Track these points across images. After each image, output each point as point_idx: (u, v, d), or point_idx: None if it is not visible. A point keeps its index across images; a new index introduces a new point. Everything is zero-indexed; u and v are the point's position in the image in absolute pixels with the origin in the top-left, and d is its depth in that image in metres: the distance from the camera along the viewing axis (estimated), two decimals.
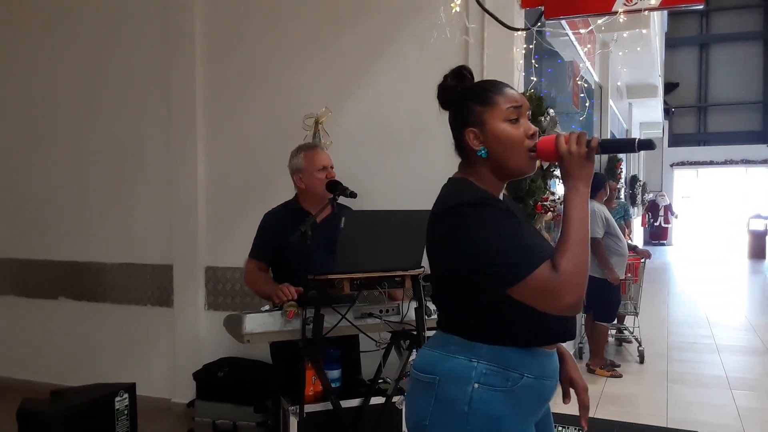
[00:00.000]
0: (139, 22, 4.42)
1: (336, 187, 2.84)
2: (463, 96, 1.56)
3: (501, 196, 1.61)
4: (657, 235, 18.22)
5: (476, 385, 1.44)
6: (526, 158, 1.51)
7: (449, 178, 1.62)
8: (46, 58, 4.76)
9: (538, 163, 1.68)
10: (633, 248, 6.05)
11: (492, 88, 1.54)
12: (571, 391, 1.67)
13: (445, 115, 1.63)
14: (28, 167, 4.86)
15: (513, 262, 1.37)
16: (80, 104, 4.64)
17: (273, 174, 3.91)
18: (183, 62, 4.21)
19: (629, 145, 1.46)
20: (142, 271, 4.44)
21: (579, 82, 5.86)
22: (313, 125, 3.65)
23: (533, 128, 1.52)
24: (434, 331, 1.59)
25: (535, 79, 3.58)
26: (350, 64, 3.85)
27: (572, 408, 1.68)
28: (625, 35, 4.80)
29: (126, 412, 3.20)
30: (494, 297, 1.41)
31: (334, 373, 2.77)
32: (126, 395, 3.22)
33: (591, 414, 1.64)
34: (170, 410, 4.26)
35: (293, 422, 2.59)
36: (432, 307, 2.72)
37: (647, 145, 1.43)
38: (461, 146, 1.58)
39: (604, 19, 3.54)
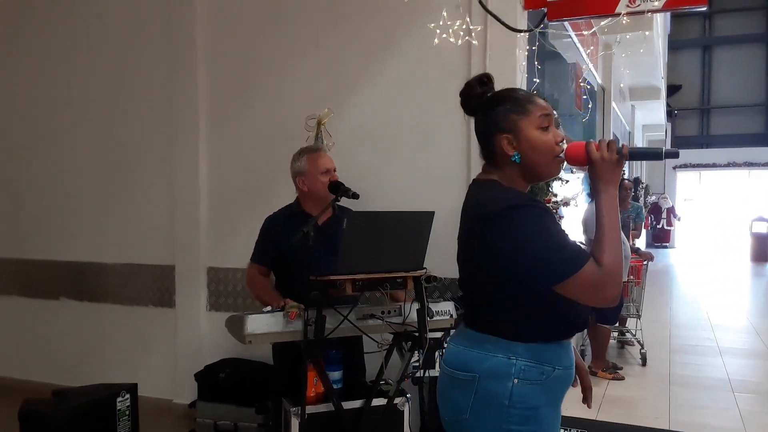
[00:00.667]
0: (140, 23, 4.42)
1: (338, 189, 2.83)
2: (493, 103, 1.65)
3: None
4: (659, 237, 18.17)
5: (516, 381, 1.56)
6: (555, 163, 1.63)
7: (475, 180, 1.71)
8: (47, 58, 4.76)
9: None
10: (635, 251, 6.04)
11: (524, 97, 1.65)
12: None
13: (448, 115, 1.68)
14: (30, 167, 4.86)
15: (564, 259, 1.49)
16: (82, 105, 4.64)
17: (275, 175, 3.90)
18: (185, 62, 4.21)
19: (656, 154, 1.61)
20: (143, 271, 4.44)
21: (582, 84, 5.85)
22: (316, 126, 3.64)
23: (562, 135, 1.64)
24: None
25: (538, 80, 3.57)
26: (353, 66, 3.85)
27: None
28: (628, 37, 4.80)
29: (128, 412, 3.20)
30: (536, 295, 1.54)
31: (336, 375, 2.76)
32: (128, 395, 3.22)
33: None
34: (171, 411, 4.26)
35: (294, 423, 2.59)
36: (434, 308, 2.71)
37: (673, 154, 1.58)
38: (491, 150, 1.65)
39: (607, 20, 3.53)
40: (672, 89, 18.09)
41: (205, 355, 4.06)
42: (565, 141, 1.63)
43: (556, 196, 3.76)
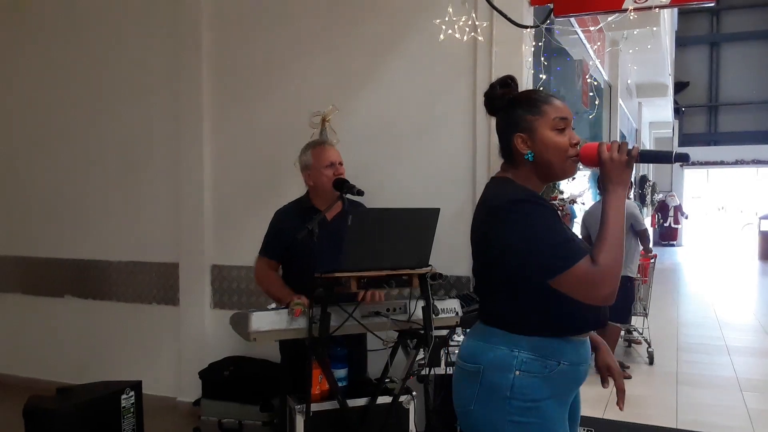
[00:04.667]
0: (146, 19, 4.41)
1: (343, 185, 2.82)
2: (513, 104, 1.70)
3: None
4: (666, 235, 18.10)
5: (517, 373, 1.59)
6: (569, 164, 1.66)
7: (492, 178, 1.77)
8: (52, 57, 4.75)
9: None
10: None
11: (542, 99, 1.69)
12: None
13: (453, 112, 1.71)
14: (35, 165, 4.86)
15: (559, 254, 1.53)
16: (86, 102, 4.63)
17: (280, 172, 3.89)
18: (190, 60, 4.20)
19: (666, 157, 1.65)
20: (148, 269, 4.44)
21: (588, 80, 5.81)
22: (320, 123, 3.62)
23: (577, 138, 1.67)
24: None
25: (544, 77, 3.55)
26: (358, 62, 3.82)
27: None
28: (635, 33, 4.75)
29: (132, 409, 3.18)
30: (536, 289, 1.56)
31: (341, 372, 2.75)
32: (132, 393, 3.20)
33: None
34: (176, 409, 4.25)
35: (299, 421, 2.58)
36: (439, 306, 2.69)
37: (684, 158, 1.61)
38: (508, 149, 1.71)
39: (614, 16, 3.50)
40: (679, 86, 17.99)
41: (210, 353, 4.05)
42: (580, 143, 1.66)
43: (562, 193, 3.73)
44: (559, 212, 3.54)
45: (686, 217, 18.32)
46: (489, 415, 1.62)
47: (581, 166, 1.70)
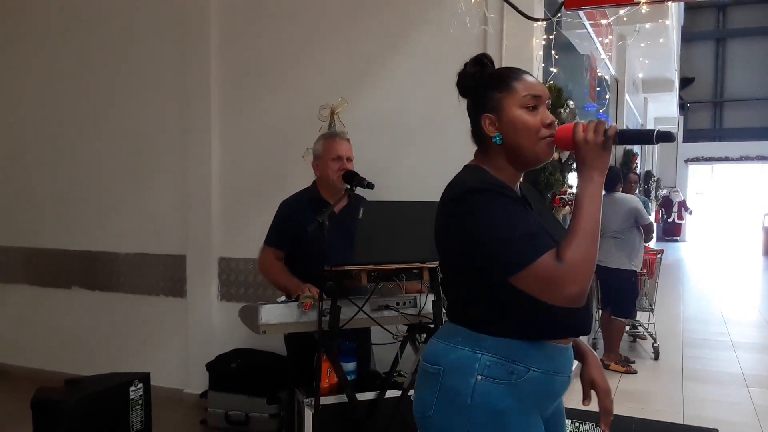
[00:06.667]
0: (154, 13, 4.39)
1: (353, 178, 2.81)
2: (482, 83, 1.53)
3: (517, 186, 1.57)
4: (670, 231, 18.05)
5: (479, 377, 1.42)
6: (541, 146, 1.47)
7: (464, 166, 1.60)
8: (63, 50, 4.74)
9: (556, 155, 1.65)
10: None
11: (511, 74, 1.51)
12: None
13: (463, 105, 1.60)
14: (43, 157, 4.86)
15: (515, 250, 1.34)
16: (95, 95, 4.62)
17: (288, 165, 3.89)
18: (198, 52, 4.19)
19: (647, 137, 1.43)
20: (155, 261, 4.44)
21: (600, 74, 5.78)
22: (329, 116, 3.61)
23: (551, 117, 1.49)
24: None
25: (555, 70, 3.53)
26: (367, 55, 3.81)
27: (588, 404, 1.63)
28: (647, 26, 4.72)
29: (140, 401, 3.19)
30: (499, 286, 1.39)
31: (349, 366, 2.74)
32: (141, 385, 3.21)
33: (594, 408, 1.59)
34: (183, 401, 4.26)
35: (308, 414, 2.57)
36: None
37: (666, 137, 1.39)
38: (477, 133, 1.55)
39: (626, 9, 3.48)
40: (684, 82, 17.90)
41: (217, 345, 4.06)
42: (555, 124, 1.49)
43: (571, 187, 3.72)
44: (569, 207, 3.54)
45: (690, 213, 18.28)
46: (448, 424, 1.44)
47: (558, 151, 1.58)
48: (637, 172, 9.72)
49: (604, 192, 1.44)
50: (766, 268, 13.48)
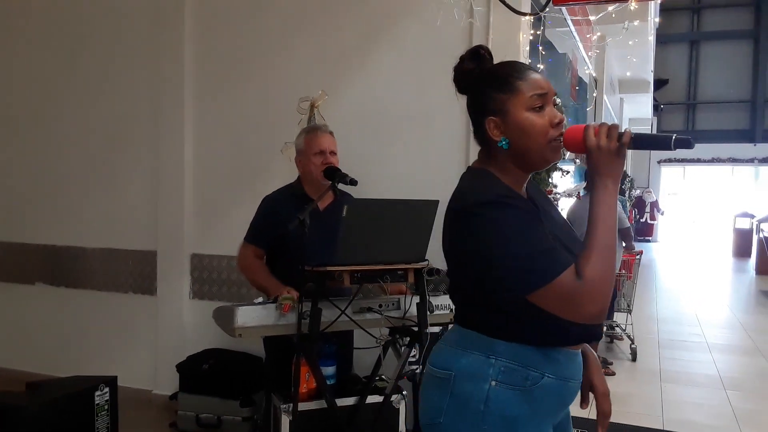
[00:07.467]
0: (124, 3, 4.21)
1: (335, 174, 2.69)
2: (483, 81, 1.44)
3: (524, 187, 1.50)
4: (642, 231, 18.23)
5: (493, 383, 1.38)
6: (550, 148, 1.40)
7: (468, 167, 1.53)
8: (26, 38, 4.53)
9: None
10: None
11: (515, 73, 1.42)
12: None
13: (448, 100, 1.51)
14: (6, 149, 4.64)
15: (533, 269, 1.29)
16: (63, 84, 4.42)
17: (264, 159, 3.77)
18: (171, 40, 4.01)
19: (664, 143, 1.34)
20: (124, 256, 4.26)
21: (587, 71, 5.74)
22: (309, 109, 3.50)
23: (559, 116, 1.41)
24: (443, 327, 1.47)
25: (542, 66, 3.45)
26: (348, 46, 3.68)
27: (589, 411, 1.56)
28: (636, 24, 4.68)
29: (106, 407, 3.02)
30: (513, 298, 1.33)
31: (329, 370, 2.63)
32: (107, 389, 3.04)
33: (585, 415, 1.54)
34: (151, 402, 4.10)
35: (285, 421, 2.46)
36: (434, 302, 2.58)
37: (685, 143, 1.32)
38: (481, 135, 1.47)
39: (614, 6, 3.41)
40: (658, 83, 18.07)
41: (188, 345, 3.91)
42: (563, 123, 1.41)
43: (556, 187, 3.65)
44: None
45: (662, 214, 18.50)
46: (459, 431, 1.41)
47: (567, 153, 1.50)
48: None
49: (583, 193, 1.38)
50: (735, 268, 13.66)
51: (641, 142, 1.37)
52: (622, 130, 1.33)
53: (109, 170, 4.30)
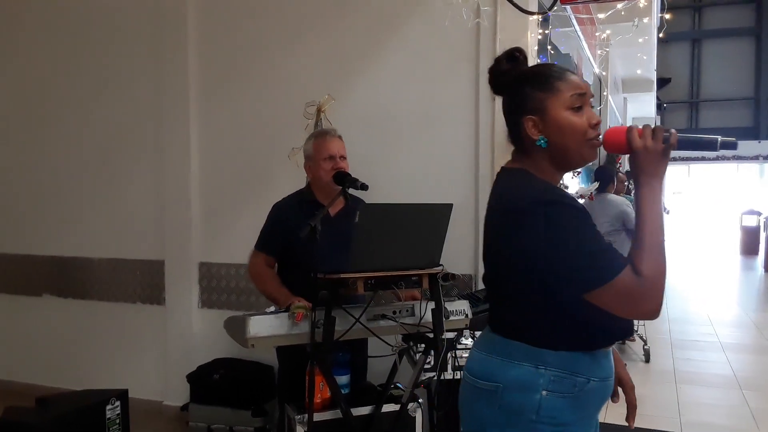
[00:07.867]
0: (129, 5, 4.18)
1: (345, 179, 2.64)
2: (520, 81, 1.48)
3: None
4: None
5: (544, 393, 1.40)
6: (587, 148, 1.45)
7: (503, 168, 1.54)
8: (29, 43, 4.51)
9: None
10: None
11: (554, 74, 1.46)
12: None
13: (455, 101, 1.51)
14: (12, 159, 4.62)
15: (597, 266, 1.32)
16: (67, 93, 4.39)
17: (272, 164, 3.73)
18: (175, 45, 3.98)
19: (710, 144, 1.39)
20: (131, 266, 4.22)
21: (593, 72, 5.69)
22: (315, 114, 3.45)
23: (596, 117, 1.45)
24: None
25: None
26: (355, 48, 3.64)
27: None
28: (645, 21, 4.64)
29: (118, 420, 2.98)
30: (566, 300, 1.37)
31: (343, 379, 2.58)
32: (118, 403, 3.00)
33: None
34: (162, 413, 4.06)
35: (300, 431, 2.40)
36: (449, 308, 2.53)
37: (730, 145, 1.38)
38: (517, 134, 1.50)
39: (624, 3, 3.37)
40: (661, 82, 17.99)
41: (198, 355, 3.86)
42: (600, 124, 1.45)
43: (567, 188, 3.59)
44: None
45: (667, 212, 18.39)
46: None
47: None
48: (621, 170, 9.69)
49: (595, 192, 1.38)
50: (743, 267, 13.57)
51: (686, 143, 1.41)
52: (668, 133, 1.37)
53: (115, 179, 4.26)
